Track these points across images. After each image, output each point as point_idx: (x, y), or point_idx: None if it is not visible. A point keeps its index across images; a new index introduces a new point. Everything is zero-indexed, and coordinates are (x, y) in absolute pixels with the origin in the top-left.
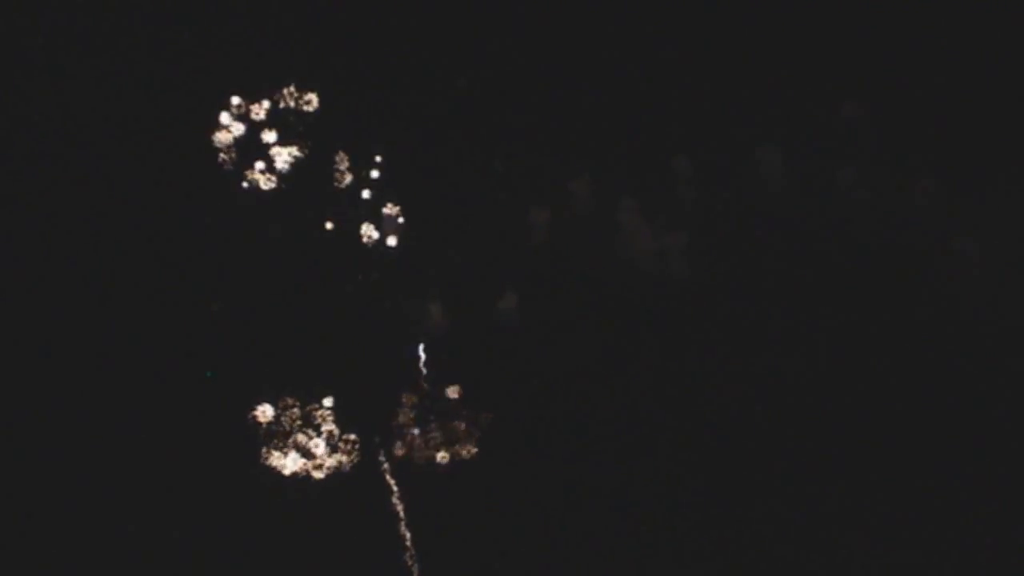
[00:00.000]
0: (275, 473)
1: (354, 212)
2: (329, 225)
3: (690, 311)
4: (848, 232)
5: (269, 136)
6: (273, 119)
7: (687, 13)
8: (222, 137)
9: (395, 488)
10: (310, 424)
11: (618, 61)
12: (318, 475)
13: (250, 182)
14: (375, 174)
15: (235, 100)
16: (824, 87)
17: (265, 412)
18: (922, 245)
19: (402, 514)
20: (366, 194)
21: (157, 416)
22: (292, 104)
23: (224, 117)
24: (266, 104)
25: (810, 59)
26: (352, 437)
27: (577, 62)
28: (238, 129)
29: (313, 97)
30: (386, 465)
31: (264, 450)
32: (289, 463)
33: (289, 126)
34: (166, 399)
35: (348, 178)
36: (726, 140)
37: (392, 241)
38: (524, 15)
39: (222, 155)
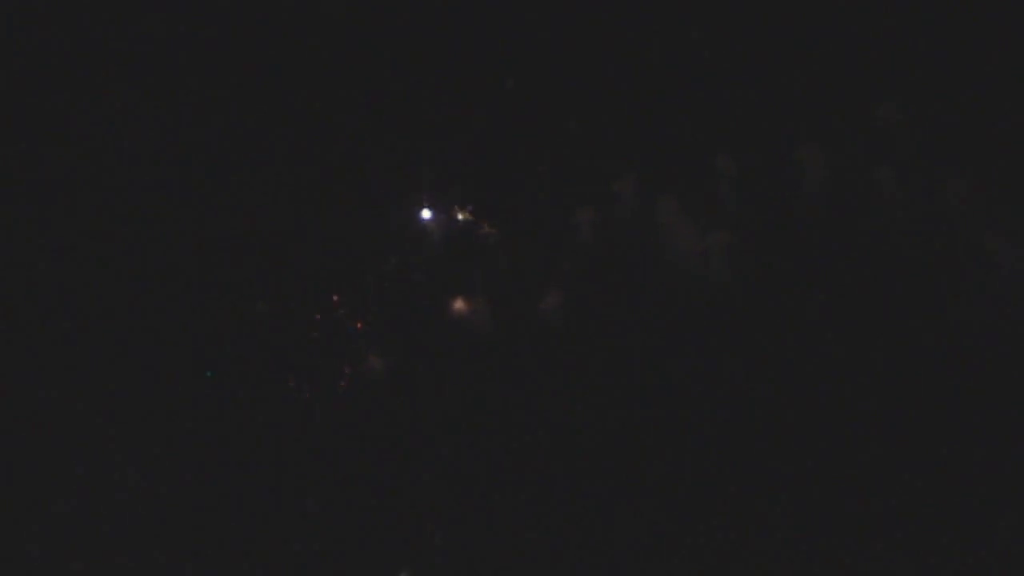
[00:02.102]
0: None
1: (401, 210)
2: (376, 224)
3: (733, 311)
4: (885, 232)
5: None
6: (324, 117)
7: (729, 14)
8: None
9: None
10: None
11: (661, 62)
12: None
13: (295, 181)
14: (421, 175)
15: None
16: (863, 87)
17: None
18: (958, 246)
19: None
20: (414, 193)
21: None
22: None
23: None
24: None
25: (850, 59)
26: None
27: (619, 63)
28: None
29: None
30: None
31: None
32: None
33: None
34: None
35: (393, 178)
36: (767, 139)
37: (437, 239)
38: (570, 17)
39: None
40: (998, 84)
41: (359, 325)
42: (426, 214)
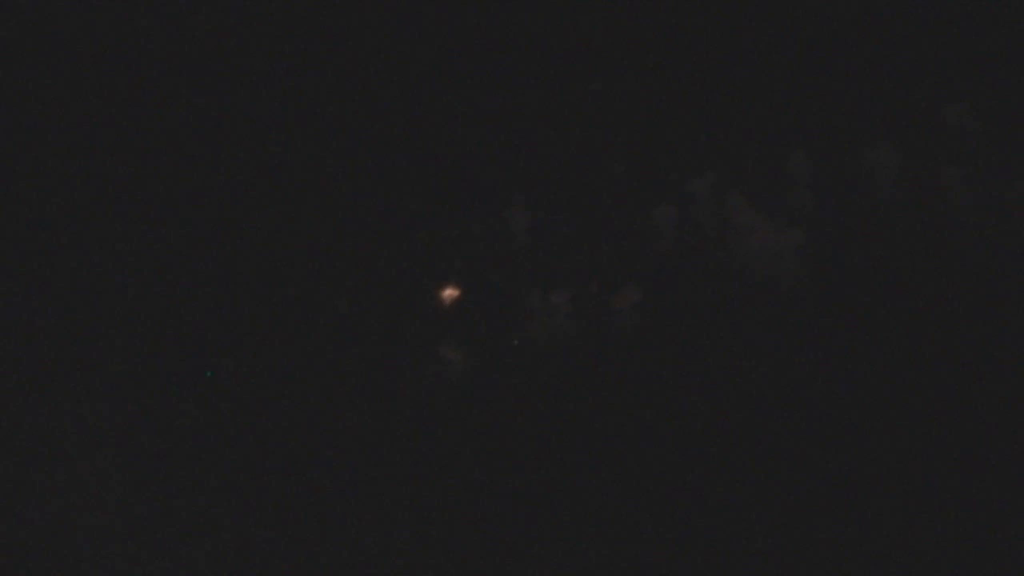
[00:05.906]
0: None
1: (485, 208)
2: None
3: (806, 310)
4: (956, 234)
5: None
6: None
7: (802, 16)
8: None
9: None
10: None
11: (735, 63)
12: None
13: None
14: (502, 172)
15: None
16: (934, 88)
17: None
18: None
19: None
20: (496, 191)
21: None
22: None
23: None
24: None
25: (921, 59)
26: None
27: (695, 63)
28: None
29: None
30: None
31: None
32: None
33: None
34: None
35: (476, 174)
36: (840, 139)
37: (520, 237)
38: (647, 19)
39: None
40: None
41: (437, 321)
42: None
